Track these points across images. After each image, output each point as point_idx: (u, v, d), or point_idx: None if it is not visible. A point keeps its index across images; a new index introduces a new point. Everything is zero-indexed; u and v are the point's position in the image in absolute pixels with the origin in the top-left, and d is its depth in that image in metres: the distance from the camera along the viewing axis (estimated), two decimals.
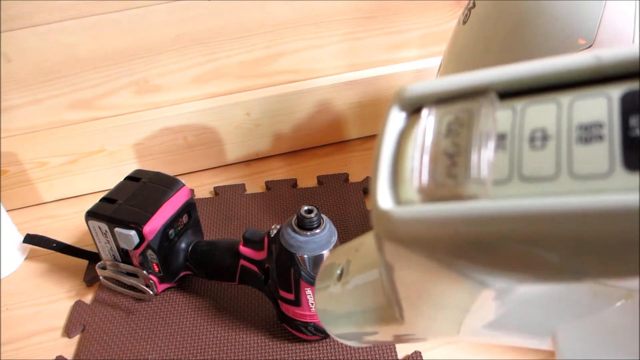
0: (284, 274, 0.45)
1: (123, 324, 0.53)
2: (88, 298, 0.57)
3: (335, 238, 0.44)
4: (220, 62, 0.67)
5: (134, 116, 0.68)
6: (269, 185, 0.69)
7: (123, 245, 0.50)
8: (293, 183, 0.69)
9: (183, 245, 0.52)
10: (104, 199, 0.51)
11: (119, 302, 0.55)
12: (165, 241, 0.50)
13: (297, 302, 0.45)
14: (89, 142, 0.68)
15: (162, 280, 0.53)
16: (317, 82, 0.71)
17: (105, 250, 0.53)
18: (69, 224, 0.68)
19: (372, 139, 0.77)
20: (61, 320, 0.55)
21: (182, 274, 0.54)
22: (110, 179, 0.71)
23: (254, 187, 0.70)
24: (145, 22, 0.62)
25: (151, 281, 0.52)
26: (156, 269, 0.51)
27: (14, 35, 0.59)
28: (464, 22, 0.43)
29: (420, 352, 0.47)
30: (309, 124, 0.74)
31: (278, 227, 0.46)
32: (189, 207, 0.53)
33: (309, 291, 0.44)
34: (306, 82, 0.71)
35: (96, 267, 0.54)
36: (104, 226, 0.50)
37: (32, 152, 0.67)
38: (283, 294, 0.46)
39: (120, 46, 0.63)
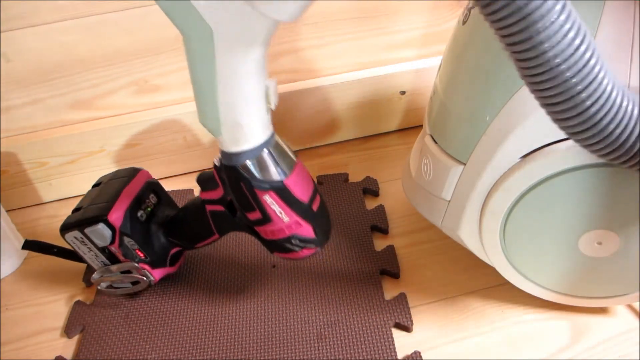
0: (240, 193, 0.44)
1: (122, 324, 0.53)
2: (87, 298, 0.57)
3: (269, 132, 0.43)
4: None
5: (134, 116, 0.68)
6: None
7: (100, 243, 0.50)
8: None
9: (159, 223, 0.53)
10: (72, 212, 0.52)
11: (119, 302, 0.55)
12: (137, 223, 0.51)
13: (265, 217, 0.44)
14: (88, 142, 0.68)
15: (153, 265, 0.52)
16: (317, 82, 0.70)
17: (93, 259, 0.53)
18: None
19: (372, 138, 0.77)
20: (60, 320, 0.55)
21: (172, 253, 0.54)
22: None
23: None
24: (145, 22, 0.62)
25: (144, 270, 0.52)
26: (142, 255, 0.51)
27: (14, 35, 0.59)
28: (464, 22, 0.43)
29: (419, 352, 0.47)
30: (309, 124, 0.74)
31: (219, 155, 0.45)
32: (153, 187, 0.54)
33: (268, 199, 0.43)
34: (306, 82, 0.71)
35: (91, 280, 0.53)
36: (77, 233, 0.51)
37: (32, 152, 0.67)
38: (251, 216, 0.45)
39: (120, 46, 0.63)
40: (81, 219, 0.50)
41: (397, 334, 0.50)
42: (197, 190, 0.71)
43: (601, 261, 0.44)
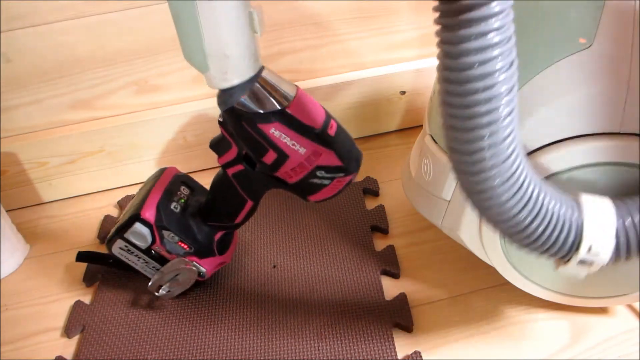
0: (247, 137, 0.42)
1: (122, 324, 0.53)
2: (87, 298, 0.57)
3: (259, 64, 0.41)
4: None
5: (133, 116, 0.68)
6: None
7: (143, 244, 0.50)
8: None
9: (195, 212, 0.52)
10: (114, 226, 0.52)
11: (119, 302, 0.55)
12: (172, 215, 0.51)
13: (280, 154, 0.43)
14: (88, 142, 0.68)
15: (200, 255, 0.52)
16: (317, 82, 0.71)
17: (145, 268, 0.53)
18: (69, 224, 0.68)
19: (372, 138, 0.77)
20: (61, 320, 0.55)
21: (217, 239, 0.53)
22: (109, 179, 0.72)
23: None
24: (145, 22, 0.62)
25: (192, 262, 0.51)
26: (186, 247, 0.51)
27: (14, 35, 0.59)
28: None
29: (420, 352, 0.47)
30: None
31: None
32: (182, 179, 0.54)
33: (276, 132, 0.41)
34: (306, 82, 0.71)
35: (149, 289, 0.52)
36: (121, 242, 0.51)
37: (32, 152, 0.67)
38: (267, 159, 0.43)
39: (120, 46, 0.63)
40: (119, 226, 0.50)
41: (397, 334, 0.50)
42: None
43: None
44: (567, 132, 0.38)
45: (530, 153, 0.39)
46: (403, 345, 0.49)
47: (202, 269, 0.52)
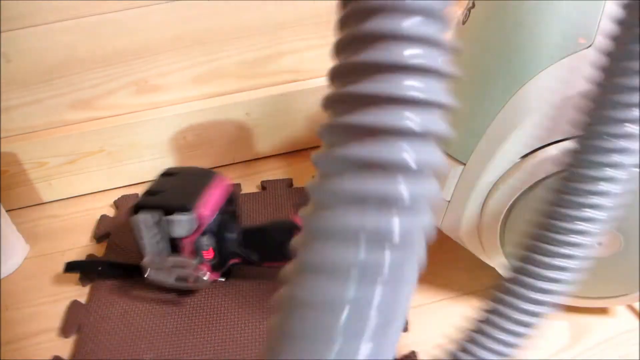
0: None
1: (119, 324, 0.53)
2: (84, 298, 0.56)
3: None
4: (220, 62, 0.67)
5: (133, 116, 0.68)
6: (264, 185, 0.69)
7: (178, 233, 0.49)
8: (289, 183, 0.69)
9: (229, 230, 0.52)
10: (145, 193, 0.51)
11: (115, 301, 0.55)
12: (218, 225, 0.51)
13: None
14: (88, 142, 0.68)
15: (214, 268, 0.52)
16: (317, 82, 0.70)
17: (153, 244, 0.51)
18: (69, 224, 0.68)
19: None
20: (57, 320, 0.55)
21: (232, 261, 0.53)
22: (109, 179, 0.72)
23: (252, 187, 0.70)
24: (145, 22, 0.62)
25: (202, 271, 0.51)
26: (209, 256, 0.51)
27: (14, 35, 0.59)
28: (464, 22, 0.43)
29: (415, 352, 0.47)
30: (309, 124, 0.74)
31: None
32: (233, 195, 0.55)
33: None
34: (306, 82, 0.71)
35: (142, 264, 0.52)
36: (156, 216, 0.49)
37: (32, 152, 0.67)
38: None
39: (120, 46, 0.63)
40: (167, 205, 0.48)
41: None
42: None
43: (601, 261, 0.43)
44: (567, 132, 0.38)
45: (530, 153, 0.39)
46: (400, 345, 0.49)
47: (206, 280, 0.52)
